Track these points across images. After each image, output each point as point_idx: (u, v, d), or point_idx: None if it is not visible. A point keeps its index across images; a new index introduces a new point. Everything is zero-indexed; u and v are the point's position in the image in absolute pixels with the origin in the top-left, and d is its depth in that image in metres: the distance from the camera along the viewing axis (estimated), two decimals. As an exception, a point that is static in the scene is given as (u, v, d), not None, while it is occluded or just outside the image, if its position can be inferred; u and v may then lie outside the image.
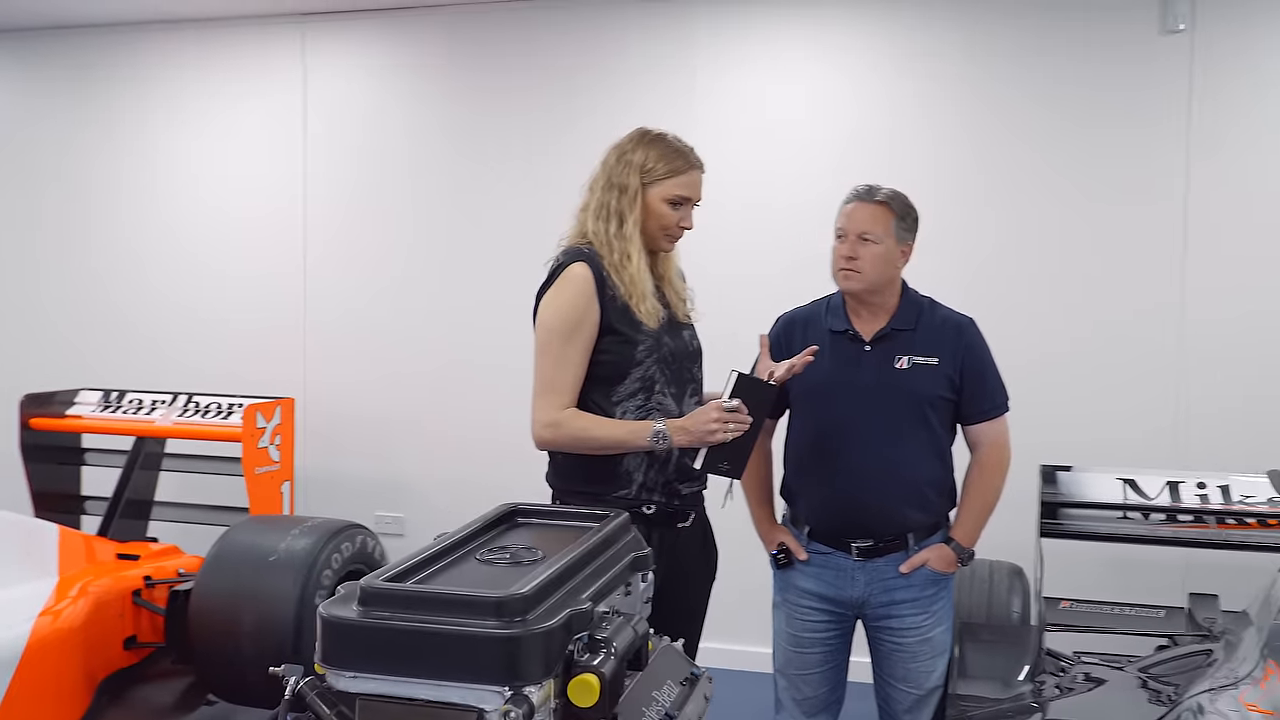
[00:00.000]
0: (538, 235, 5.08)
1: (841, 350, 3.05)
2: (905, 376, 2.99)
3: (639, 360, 2.71)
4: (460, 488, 5.50)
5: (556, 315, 2.68)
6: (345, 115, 5.72)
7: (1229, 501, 3.97)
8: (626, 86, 5.25)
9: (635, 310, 2.69)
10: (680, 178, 2.78)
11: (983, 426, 3.07)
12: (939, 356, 3.00)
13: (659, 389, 2.74)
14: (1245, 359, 4.67)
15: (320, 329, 5.76)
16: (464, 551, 1.87)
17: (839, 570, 3.06)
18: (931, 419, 3.01)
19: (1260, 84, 4.65)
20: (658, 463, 2.71)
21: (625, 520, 1.99)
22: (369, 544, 4.25)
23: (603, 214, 2.75)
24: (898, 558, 3.02)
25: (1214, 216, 4.69)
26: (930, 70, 4.96)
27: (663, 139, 2.81)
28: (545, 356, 2.69)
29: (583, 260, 2.70)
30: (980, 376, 3.05)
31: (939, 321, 3.06)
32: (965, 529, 3.08)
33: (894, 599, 3.03)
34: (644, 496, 2.71)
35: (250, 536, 3.99)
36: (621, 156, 2.78)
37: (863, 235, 2.97)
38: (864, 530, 3.02)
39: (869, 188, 3.04)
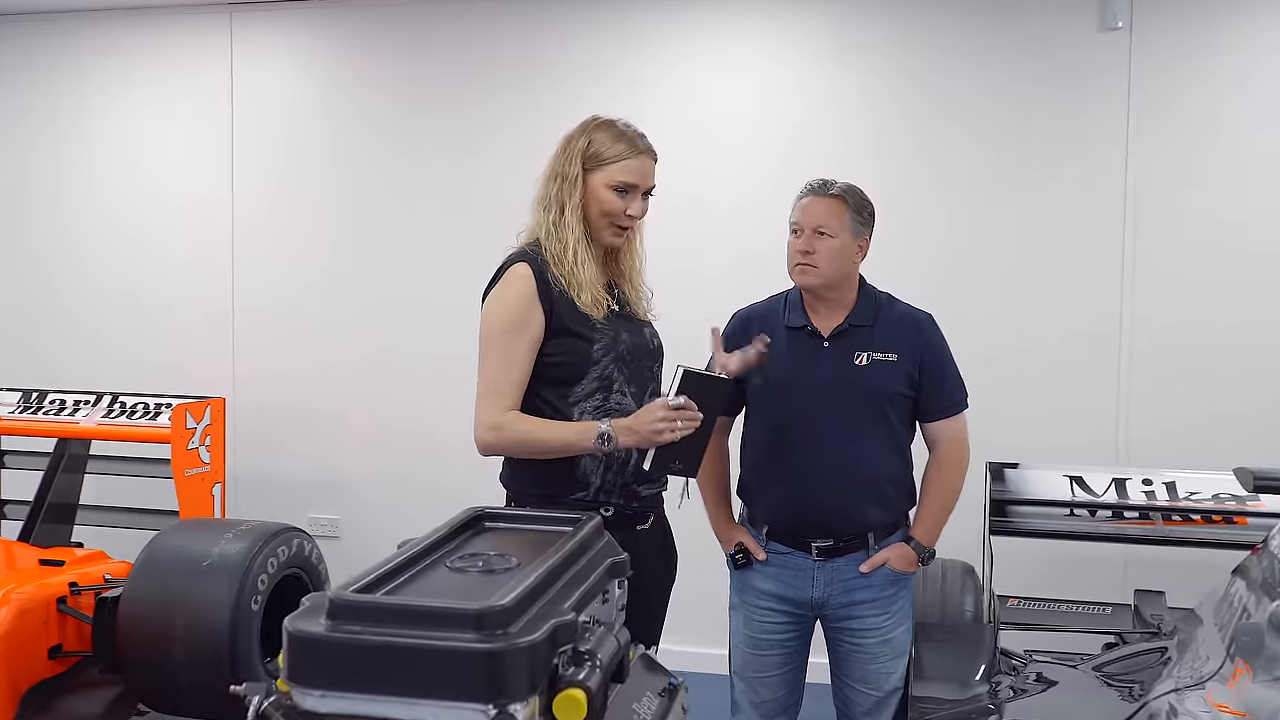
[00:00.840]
0: (471, 228, 5.26)
1: (799, 346, 3.00)
2: (864, 373, 2.95)
3: (595, 359, 2.63)
4: (398, 487, 5.42)
5: (498, 316, 2.60)
6: (272, 106, 5.58)
7: (1175, 498, 3.98)
8: (567, 81, 5.15)
9: (577, 301, 2.60)
10: (625, 162, 2.67)
11: (942, 424, 3.05)
12: (898, 353, 2.97)
13: (618, 388, 2.66)
14: (1188, 357, 4.71)
15: (249, 322, 5.62)
16: (433, 559, 1.77)
17: (798, 570, 3.01)
18: (890, 416, 2.97)
19: (1193, 79, 4.70)
20: (615, 464, 2.63)
21: (598, 524, 1.90)
22: (305, 547, 4.13)
23: (545, 203, 2.68)
24: (857, 557, 2.99)
25: (1152, 210, 4.73)
26: (871, 64, 4.95)
27: (610, 124, 2.72)
28: (488, 358, 2.60)
29: (524, 260, 2.62)
30: (939, 373, 3.02)
31: (897, 317, 3.03)
32: (925, 528, 3.05)
33: (854, 599, 2.99)
34: (601, 499, 2.63)
35: (181, 541, 3.86)
36: (567, 144, 2.70)
37: (818, 229, 2.93)
38: (823, 529, 2.97)
39: (823, 182, 3.00)
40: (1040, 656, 3.67)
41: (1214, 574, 4.42)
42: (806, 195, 2.99)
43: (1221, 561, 4.37)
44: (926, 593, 3.69)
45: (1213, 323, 4.69)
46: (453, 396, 5.24)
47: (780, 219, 3.94)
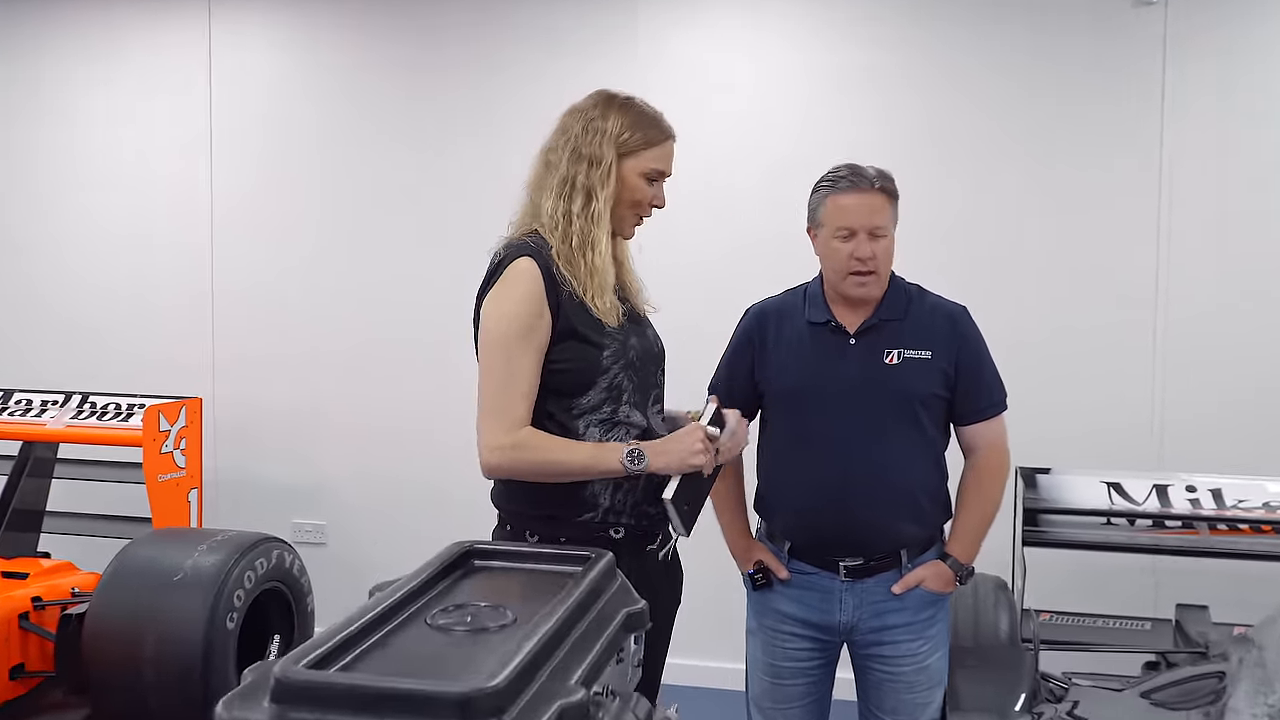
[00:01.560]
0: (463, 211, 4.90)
1: (823, 344, 2.72)
2: (895, 372, 2.67)
3: (605, 367, 2.33)
4: (389, 491, 5.13)
5: (504, 320, 2.28)
6: (250, 85, 5.30)
7: (1222, 506, 3.71)
8: (560, 59, 4.86)
9: (592, 307, 2.31)
10: (657, 149, 2.41)
11: (979, 427, 2.77)
12: (932, 349, 2.69)
13: (626, 399, 2.36)
14: (1227, 345, 4.42)
15: (229, 309, 5.33)
16: (410, 613, 1.45)
17: (824, 592, 2.73)
18: (924, 419, 2.70)
19: (1232, 55, 4.40)
20: (626, 482, 2.33)
21: (610, 564, 1.59)
22: (286, 559, 3.95)
23: (566, 191, 2.35)
24: (889, 577, 2.71)
25: (1190, 190, 4.43)
26: (878, 36, 4.66)
27: (633, 104, 2.43)
28: (492, 368, 2.29)
29: (528, 255, 2.30)
30: (977, 371, 2.75)
31: (930, 310, 2.75)
32: (963, 543, 2.77)
33: (886, 623, 2.71)
34: (611, 519, 2.33)
35: (153, 552, 3.69)
36: (589, 124, 2.38)
37: (875, 231, 2.64)
38: (853, 547, 2.70)
39: (856, 171, 2.67)
40: (1080, 679, 3.40)
41: (1258, 587, 4.19)
42: (846, 190, 2.66)
43: (1267, 574, 4.15)
44: (957, 611, 3.40)
45: (1253, 309, 4.40)
46: (448, 391, 4.99)
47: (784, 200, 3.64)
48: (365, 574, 4.99)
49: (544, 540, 2.30)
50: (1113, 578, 4.40)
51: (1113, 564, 4.34)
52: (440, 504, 4.96)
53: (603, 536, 2.32)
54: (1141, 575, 4.43)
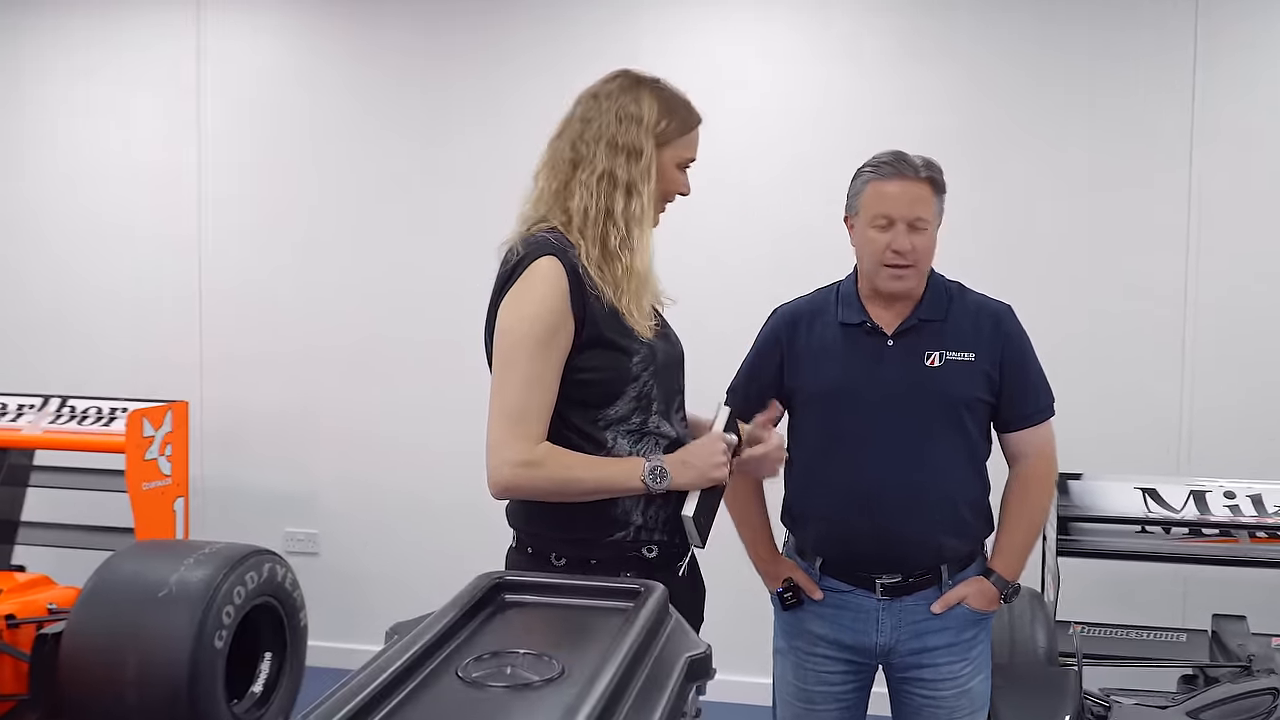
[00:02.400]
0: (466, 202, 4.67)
1: (858, 346, 2.54)
2: (938, 376, 2.50)
3: (635, 375, 2.13)
4: (385, 498, 4.93)
5: (523, 323, 2.06)
6: (241, 74, 5.08)
7: (1262, 513, 3.54)
8: (564, 51, 4.68)
9: (628, 315, 2.10)
10: (691, 134, 2.22)
11: (1026, 433, 2.59)
12: (975, 351, 2.52)
13: (655, 407, 2.16)
14: (1254, 347, 4.27)
15: (218, 306, 5.11)
16: (437, 662, 1.24)
17: (859, 612, 2.55)
18: (968, 425, 2.53)
19: (1261, 51, 4.25)
20: (659, 497, 2.13)
21: (663, 598, 1.37)
22: (278, 572, 3.80)
23: (604, 186, 2.12)
24: (929, 595, 2.53)
25: (1220, 196, 4.27)
26: (893, 25, 4.50)
27: (664, 87, 2.21)
28: (509, 377, 2.07)
29: (551, 254, 2.08)
30: (1023, 374, 2.58)
31: (973, 309, 2.58)
32: (1008, 558, 2.59)
33: (926, 645, 2.53)
34: (644, 538, 2.13)
35: (136, 565, 3.54)
36: (619, 111, 2.15)
37: (915, 223, 2.46)
38: (891, 562, 2.51)
39: (901, 157, 2.49)
40: (1120, 696, 3.22)
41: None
42: (889, 177, 2.48)
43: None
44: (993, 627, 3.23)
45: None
46: (447, 394, 4.85)
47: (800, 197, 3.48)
48: (360, 585, 4.87)
49: (571, 564, 2.11)
50: (1140, 586, 4.25)
51: (1140, 572, 4.18)
52: (438, 512, 4.81)
53: (635, 557, 2.13)
54: (1170, 583, 4.27)
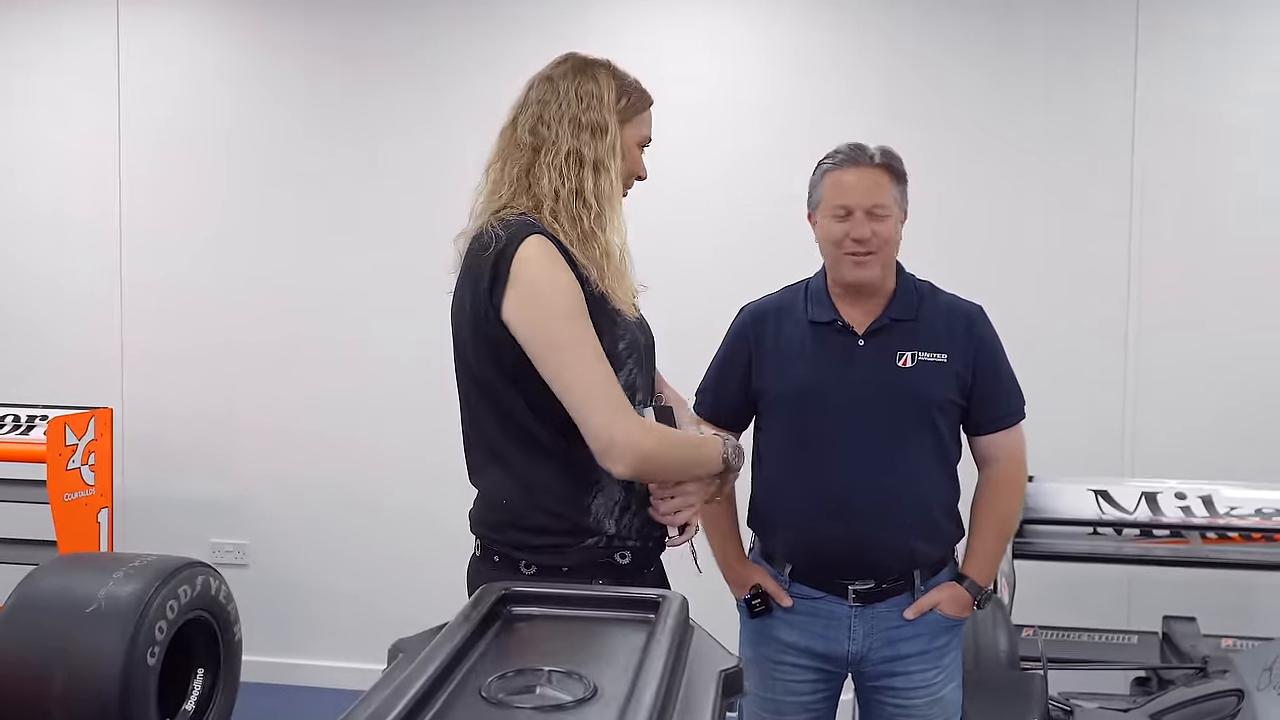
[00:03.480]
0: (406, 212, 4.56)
1: (828, 346, 2.49)
2: (909, 376, 2.45)
3: (623, 363, 2.04)
4: (317, 504, 4.77)
5: (552, 308, 1.94)
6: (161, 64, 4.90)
7: (1214, 514, 3.55)
8: (501, 50, 4.55)
9: (612, 296, 2.02)
10: (647, 113, 2.17)
11: (997, 437, 2.56)
12: (948, 352, 2.48)
13: (640, 397, 2.09)
14: (1200, 351, 4.28)
15: (139, 305, 4.90)
16: (455, 682, 1.12)
17: (830, 619, 2.49)
18: (941, 428, 2.49)
19: (1204, 49, 4.26)
20: (634, 503, 2.06)
21: (684, 609, 1.28)
22: (212, 585, 3.63)
23: (572, 164, 2.03)
24: (902, 601, 2.48)
25: (1162, 190, 4.28)
26: (837, 21, 4.45)
27: (615, 67, 2.15)
28: (575, 358, 1.94)
29: (535, 232, 1.98)
30: (995, 376, 2.55)
31: (945, 310, 2.55)
32: (981, 563, 2.55)
33: (899, 652, 2.48)
34: (617, 545, 2.05)
35: (61, 580, 3.35)
36: (578, 90, 2.07)
37: (873, 210, 2.42)
38: (863, 568, 2.46)
39: (858, 147, 2.48)
40: (1080, 699, 3.20)
41: (1240, 595, 4.07)
42: (845, 165, 2.45)
43: (1248, 581, 4.02)
44: (954, 631, 3.19)
45: (1227, 313, 4.26)
46: (384, 392, 4.69)
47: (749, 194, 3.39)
48: (294, 596, 4.70)
49: (542, 572, 2.02)
50: (1087, 588, 4.25)
51: (1087, 573, 4.19)
52: (373, 515, 4.68)
53: (608, 563, 2.05)
54: (1117, 585, 4.28)
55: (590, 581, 2.01)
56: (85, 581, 3.30)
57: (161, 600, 3.30)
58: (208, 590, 3.54)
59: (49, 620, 3.22)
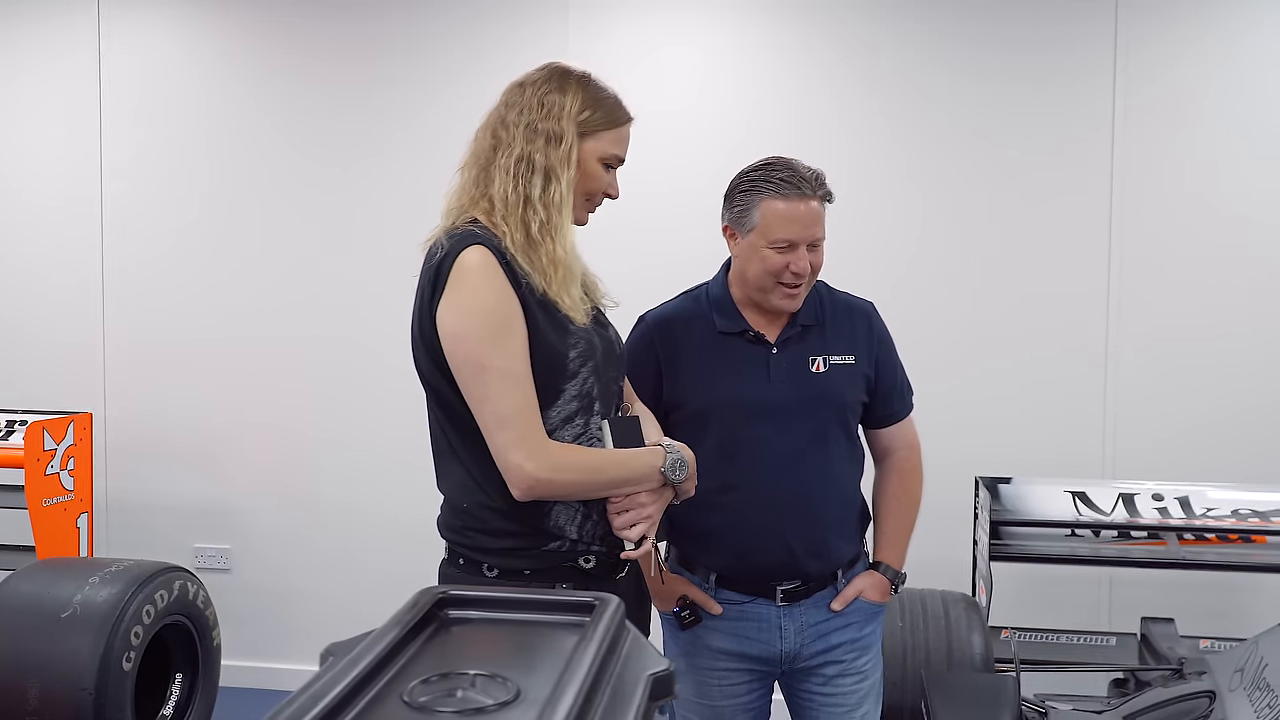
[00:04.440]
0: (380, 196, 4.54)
1: (741, 356, 2.46)
2: (824, 381, 2.45)
3: (573, 371, 2.04)
4: (301, 510, 4.73)
5: (475, 323, 1.96)
6: (145, 52, 4.86)
7: (1190, 515, 3.54)
8: (479, 61, 4.55)
9: (557, 301, 2.02)
10: (619, 130, 2.14)
11: (895, 429, 2.60)
12: (854, 353, 2.49)
13: (597, 409, 2.09)
14: (1180, 359, 4.26)
15: (122, 304, 4.87)
16: (378, 687, 1.12)
17: (760, 621, 2.47)
18: (852, 428, 2.53)
19: (1184, 45, 4.26)
20: (596, 511, 2.06)
21: (620, 611, 1.27)
22: (190, 589, 3.64)
23: (523, 170, 2.04)
24: (825, 595, 2.49)
25: (1141, 189, 4.27)
26: (829, 33, 4.41)
27: (592, 80, 2.14)
28: (487, 379, 1.96)
29: (477, 243, 1.99)
30: (893, 372, 2.58)
31: (845, 310, 2.54)
32: (894, 549, 2.58)
33: (831, 644, 2.48)
34: (580, 550, 2.06)
35: (37, 585, 3.37)
36: (543, 97, 2.08)
37: (814, 243, 2.41)
38: (793, 572, 2.45)
39: (796, 174, 2.39)
40: (1055, 701, 3.20)
41: (1219, 596, 4.07)
42: (788, 196, 2.38)
43: (1227, 583, 4.03)
44: (929, 633, 3.19)
45: (1207, 316, 4.25)
46: (370, 397, 4.68)
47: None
48: (276, 602, 4.69)
49: (504, 575, 2.03)
50: (1067, 590, 4.25)
51: (1067, 575, 4.19)
52: (357, 521, 4.65)
53: (572, 567, 2.05)
54: (1097, 587, 4.28)
55: (554, 586, 2.02)
56: (60, 587, 3.33)
57: (138, 605, 3.32)
58: (185, 595, 3.55)
59: (24, 627, 3.24)
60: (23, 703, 3.16)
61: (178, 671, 3.62)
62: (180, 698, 3.61)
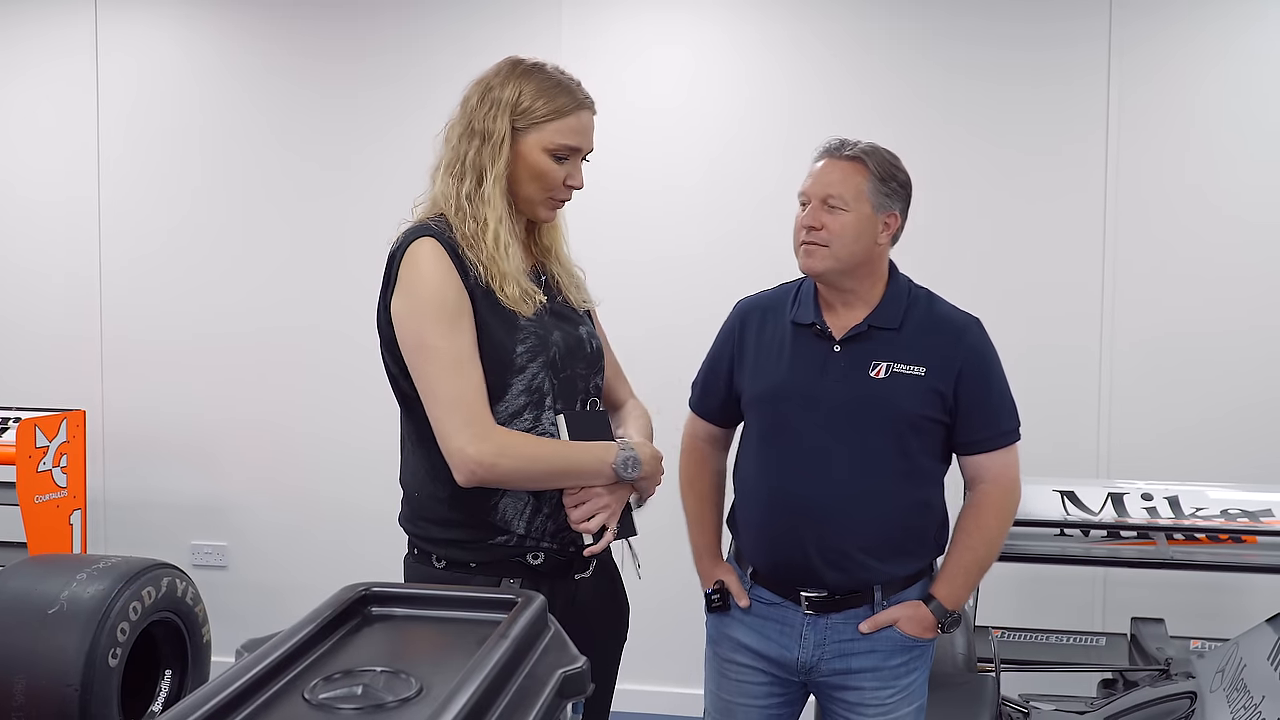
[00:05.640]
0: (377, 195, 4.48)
1: (804, 349, 2.41)
2: (881, 388, 2.35)
3: (520, 366, 2.05)
4: (298, 506, 4.75)
5: (421, 309, 1.99)
6: (143, 85, 4.88)
7: (1179, 515, 3.51)
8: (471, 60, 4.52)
9: (500, 295, 2.03)
10: (566, 120, 2.09)
11: (983, 459, 2.43)
12: (927, 365, 2.36)
13: (549, 403, 2.08)
14: (1174, 356, 4.25)
15: (120, 317, 4.88)
16: (284, 681, 1.12)
17: (783, 624, 2.42)
18: (913, 444, 2.38)
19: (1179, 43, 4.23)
20: (547, 506, 2.06)
21: (541, 609, 1.28)
22: (178, 586, 3.65)
23: (455, 169, 2.08)
24: (859, 614, 2.39)
25: (1136, 187, 4.24)
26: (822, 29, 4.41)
27: (540, 69, 2.12)
28: (433, 366, 1.99)
29: (427, 234, 2.03)
30: (981, 395, 2.41)
31: (935, 321, 2.43)
32: (952, 585, 2.43)
33: (850, 666, 2.40)
34: (530, 545, 2.06)
35: (24, 582, 3.38)
36: (486, 94, 2.09)
37: (828, 200, 2.35)
38: (816, 577, 2.38)
39: (840, 141, 2.42)
40: (1039, 702, 3.19)
41: (1208, 597, 4.05)
42: (821, 156, 2.43)
43: (1217, 583, 4.00)
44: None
45: (1202, 314, 4.23)
46: (366, 391, 4.67)
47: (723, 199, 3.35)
48: (273, 599, 4.69)
49: (452, 566, 2.05)
50: (1058, 589, 4.23)
51: (1058, 575, 4.17)
52: (353, 518, 4.63)
53: (519, 562, 2.06)
54: (1088, 587, 4.27)
55: (499, 581, 2.04)
56: (48, 583, 3.34)
57: (125, 602, 3.33)
58: (174, 592, 3.57)
59: (10, 623, 3.24)
60: (9, 698, 3.16)
61: (167, 668, 3.63)
62: (169, 695, 3.62)
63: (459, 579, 2.04)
